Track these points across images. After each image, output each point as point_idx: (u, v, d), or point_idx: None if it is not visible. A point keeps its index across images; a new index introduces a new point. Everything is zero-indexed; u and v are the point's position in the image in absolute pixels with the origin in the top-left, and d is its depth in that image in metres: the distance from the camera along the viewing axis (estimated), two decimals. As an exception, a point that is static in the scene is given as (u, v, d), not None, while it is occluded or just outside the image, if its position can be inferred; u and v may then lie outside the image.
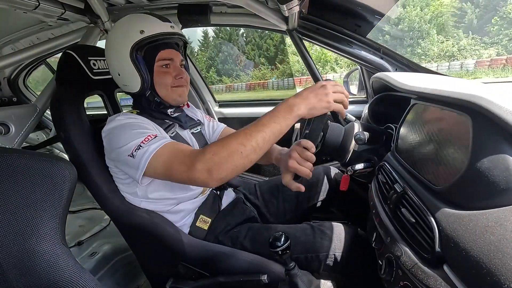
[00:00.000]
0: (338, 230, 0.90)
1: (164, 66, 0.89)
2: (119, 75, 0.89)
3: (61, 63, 0.97)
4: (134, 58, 0.84)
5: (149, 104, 0.93)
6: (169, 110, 0.95)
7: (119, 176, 0.88)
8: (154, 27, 0.85)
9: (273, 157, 0.93)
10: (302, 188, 0.75)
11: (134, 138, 0.76)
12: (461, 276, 0.42)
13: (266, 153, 0.72)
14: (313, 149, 0.72)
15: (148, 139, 0.75)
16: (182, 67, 0.95)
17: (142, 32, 0.83)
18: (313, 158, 0.73)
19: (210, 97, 1.87)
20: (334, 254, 0.86)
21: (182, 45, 0.97)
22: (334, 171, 1.18)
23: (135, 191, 0.88)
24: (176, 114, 0.97)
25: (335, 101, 0.68)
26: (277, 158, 0.90)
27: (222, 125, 1.18)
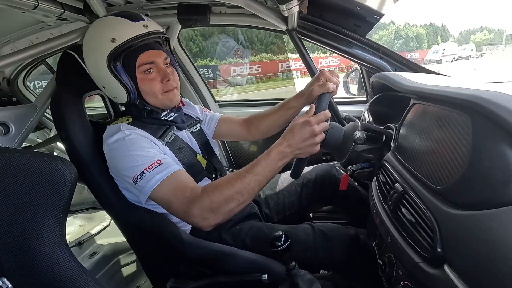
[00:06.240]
0: (339, 230, 0.90)
1: (146, 72, 0.83)
2: (104, 87, 0.86)
3: (61, 63, 0.97)
4: (112, 70, 0.78)
5: (140, 113, 0.89)
6: (162, 115, 0.91)
7: (123, 185, 0.87)
8: (126, 31, 0.77)
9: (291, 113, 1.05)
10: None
11: (138, 163, 0.74)
12: (462, 276, 0.42)
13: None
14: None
15: (152, 166, 0.73)
16: (169, 66, 0.88)
17: (113, 40, 0.76)
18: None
19: (210, 97, 1.86)
20: (335, 254, 0.86)
21: (163, 40, 0.89)
22: (334, 170, 1.18)
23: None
24: (172, 117, 0.93)
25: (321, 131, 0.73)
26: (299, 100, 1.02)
27: (218, 115, 1.17)
